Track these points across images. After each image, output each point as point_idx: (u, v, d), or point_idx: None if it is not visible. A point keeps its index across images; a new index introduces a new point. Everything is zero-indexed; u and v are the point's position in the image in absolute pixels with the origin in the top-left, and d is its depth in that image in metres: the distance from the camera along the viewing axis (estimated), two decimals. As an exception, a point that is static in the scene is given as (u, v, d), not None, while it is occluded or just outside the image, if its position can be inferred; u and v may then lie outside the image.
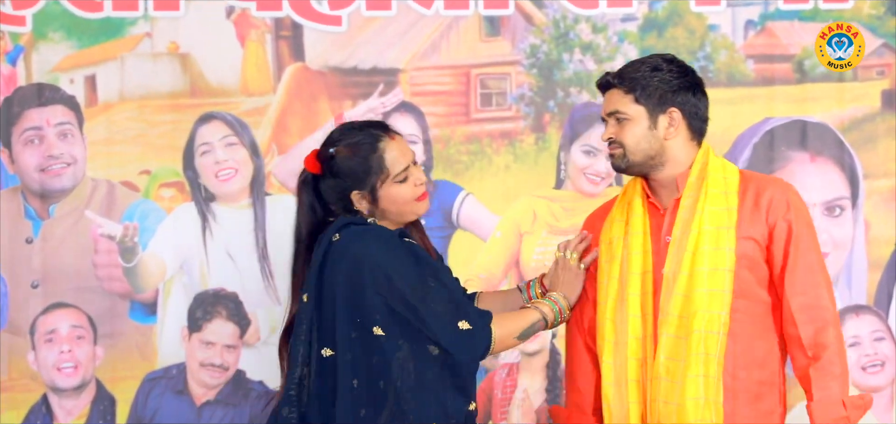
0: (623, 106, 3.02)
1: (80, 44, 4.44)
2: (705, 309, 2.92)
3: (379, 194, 3.00)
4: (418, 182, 3.03)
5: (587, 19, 4.50)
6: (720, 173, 3.05)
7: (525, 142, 4.51)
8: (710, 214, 3.00)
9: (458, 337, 2.92)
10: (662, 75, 3.03)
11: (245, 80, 4.48)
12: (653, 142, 3.03)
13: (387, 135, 3.04)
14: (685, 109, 3.04)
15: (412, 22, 4.47)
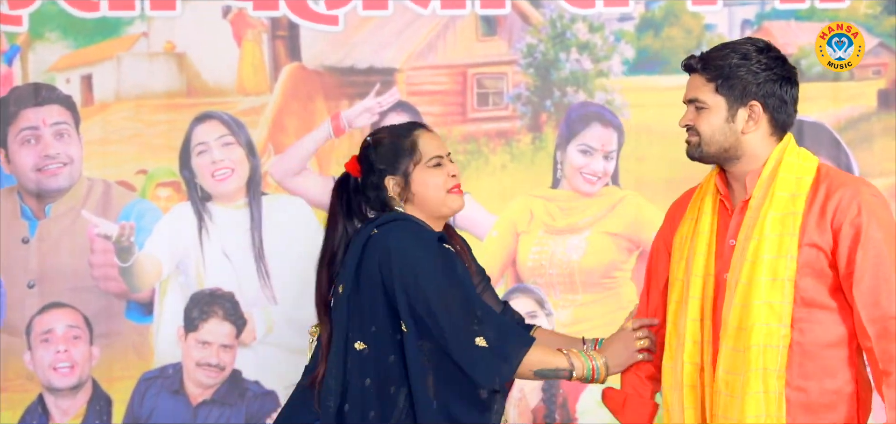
0: (703, 94, 2.92)
1: (76, 43, 4.46)
2: (764, 322, 2.83)
3: (411, 177, 3.00)
4: (452, 173, 3.03)
5: (584, 19, 4.50)
6: (793, 172, 2.93)
7: (522, 141, 4.52)
8: (773, 219, 2.89)
9: (473, 355, 2.89)
10: (749, 65, 2.90)
11: (241, 79, 4.49)
12: (729, 135, 2.92)
13: (422, 127, 3.09)
14: (768, 103, 2.91)
15: (409, 21, 4.48)
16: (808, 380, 2.82)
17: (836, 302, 2.83)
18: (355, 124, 4.42)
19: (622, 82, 4.52)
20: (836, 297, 2.84)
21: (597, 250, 4.52)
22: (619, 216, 4.52)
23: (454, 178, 3.05)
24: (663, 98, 4.44)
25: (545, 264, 4.54)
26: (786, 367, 2.83)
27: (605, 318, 4.50)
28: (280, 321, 4.49)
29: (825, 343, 2.84)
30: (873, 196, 2.89)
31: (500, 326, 2.96)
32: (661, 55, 4.50)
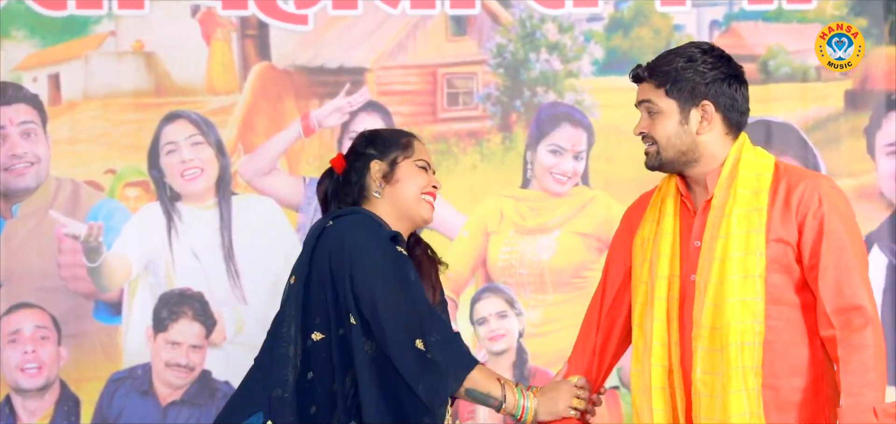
0: (655, 97, 2.92)
1: (43, 42, 4.46)
2: (738, 320, 2.82)
3: (397, 167, 3.00)
4: (434, 183, 3.05)
5: (553, 19, 4.51)
6: (752, 169, 2.92)
7: (492, 141, 4.53)
8: (738, 216, 2.87)
9: (413, 363, 2.87)
10: (696, 66, 2.89)
11: (211, 79, 4.49)
12: (684, 137, 2.90)
13: (418, 139, 3.11)
14: (719, 102, 2.90)
15: (379, 21, 4.49)
16: (779, 379, 2.82)
17: (800, 299, 2.84)
18: (325, 124, 4.43)
19: (592, 83, 4.53)
20: (801, 294, 2.84)
21: (567, 250, 4.54)
22: (588, 216, 4.54)
23: (434, 188, 3.06)
24: (633, 98, 4.26)
25: (515, 263, 4.55)
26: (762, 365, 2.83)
27: (576, 318, 4.33)
28: (250, 320, 4.49)
29: (793, 341, 2.84)
30: (832, 188, 2.90)
31: (447, 339, 2.93)
32: (630, 55, 4.47)
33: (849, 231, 2.84)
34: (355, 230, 2.89)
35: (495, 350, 4.53)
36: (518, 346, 4.52)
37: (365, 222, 2.97)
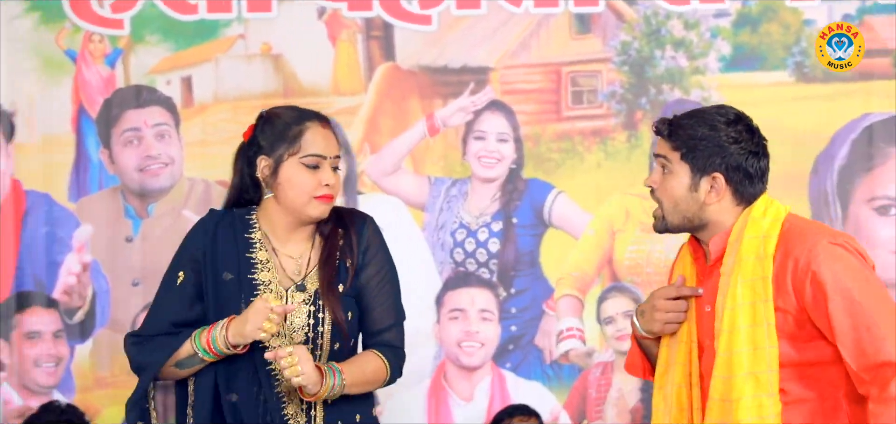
0: (670, 157, 2.86)
1: (176, 46, 4.52)
2: (751, 395, 2.72)
3: (281, 166, 2.87)
4: (325, 181, 2.87)
5: (679, 15, 4.49)
6: (759, 232, 2.82)
7: (617, 139, 4.51)
8: (743, 286, 2.78)
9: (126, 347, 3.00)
10: (717, 137, 2.82)
11: (336, 80, 4.53)
12: (691, 204, 2.83)
13: (318, 121, 2.93)
14: (731, 177, 2.82)
15: (502, 20, 4.50)
16: None
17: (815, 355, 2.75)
18: (450, 123, 4.43)
19: (718, 79, 4.51)
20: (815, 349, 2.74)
21: None
22: None
23: (326, 187, 2.88)
24: (760, 95, 4.49)
25: (642, 262, 4.53)
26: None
27: None
28: None
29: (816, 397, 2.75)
30: (831, 245, 2.77)
31: (151, 337, 2.95)
32: (758, 51, 4.50)
33: (857, 284, 2.72)
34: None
35: (623, 350, 4.42)
36: (645, 345, 4.53)
37: (207, 214, 3.03)
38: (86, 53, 4.51)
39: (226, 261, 2.90)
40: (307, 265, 2.94)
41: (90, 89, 4.51)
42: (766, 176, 2.88)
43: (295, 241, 2.95)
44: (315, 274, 2.94)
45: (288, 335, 2.91)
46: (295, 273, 2.93)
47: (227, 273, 2.88)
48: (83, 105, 4.52)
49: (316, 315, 2.91)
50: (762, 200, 2.84)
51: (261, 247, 2.93)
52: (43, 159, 4.52)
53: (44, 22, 4.51)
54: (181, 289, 2.91)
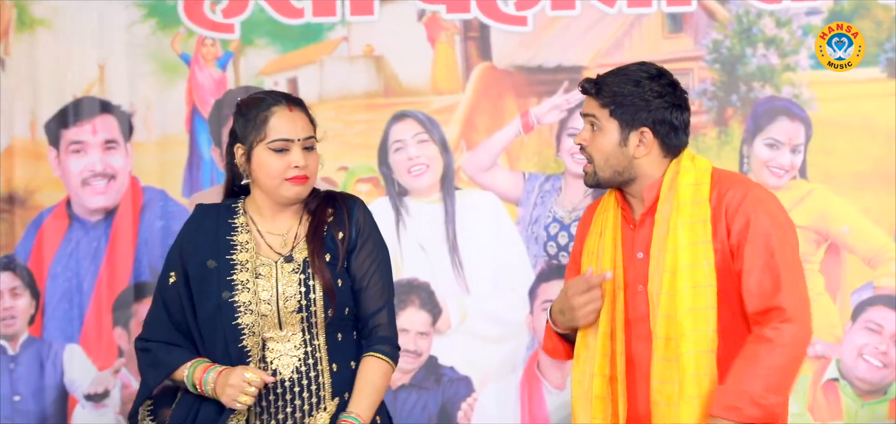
0: (599, 114, 2.92)
1: (282, 48, 4.54)
2: (692, 329, 2.81)
3: (253, 153, 2.90)
4: (295, 163, 2.88)
5: (770, 14, 4.44)
6: (692, 179, 2.90)
7: (708, 136, 4.48)
8: (683, 229, 2.86)
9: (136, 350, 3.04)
10: (642, 92, 2.90)
11: (435, 79, 4.53)
12: (621, 158, 2.91)
13: (285, 104, 2.94)
14: (658, 130, 2.92)
15: (596, 20, 4.47)
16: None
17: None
18: (544, 121, 4.45)
19: (810, 76, 4.45)
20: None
21: None
22: (806, 209, 4.45)
23: (296, 168, 2.89)
24: (851, 91, 4.46)
25: None
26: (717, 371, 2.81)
27: None
28: (473, 310, 4.53)
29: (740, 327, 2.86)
30: (762, 192, 2.89)
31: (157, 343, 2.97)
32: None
33: (777, 235, 2.80)
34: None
35: None
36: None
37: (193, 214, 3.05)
38: (199, 57, 4.55)
39: (208, 249, 2.93)
40: (294, 239, 2.96)
41: (203, 91, 4.55)
42: (688, 129, 2.96)
43: (281, 220, 2.97)
44: (302, 245, 2.95)
45: (281, 309, 2.92)
46: (281, 247, 2.95)
47: (211, 261, 2.91)
48: (196, 106, 4.57)
49: (306, 284, 2.92)
50: (687, 151, 2.93)
51: (242, 230, 2.95)
52: (159, 157, 4.57)
53: (160, 28, 4.54)
54: (174, 289, 2.95)
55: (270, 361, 2.92)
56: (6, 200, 4.58)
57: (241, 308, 2.90)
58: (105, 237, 4.57)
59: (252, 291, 2.91)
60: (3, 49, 4.58)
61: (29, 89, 4.57)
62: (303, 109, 2.99)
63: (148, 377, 2.97)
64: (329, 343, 2.97)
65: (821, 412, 4.47)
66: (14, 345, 4.57)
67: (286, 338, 2.94)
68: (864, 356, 4.45)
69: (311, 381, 2.94)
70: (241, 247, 2.94)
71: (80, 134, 4.54)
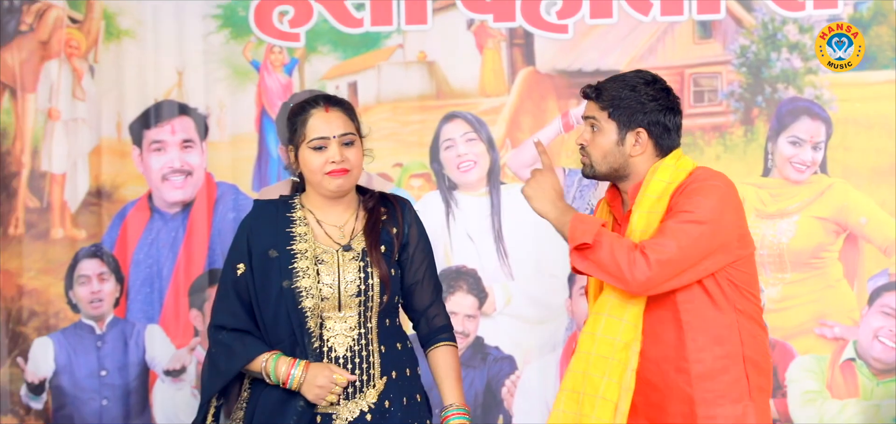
0: (599, 117, 2.95)
1: (343, 55, 4.57)
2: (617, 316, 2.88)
3: (299, 153, 2.95)
4: (332, 159, 2.91)
5: (794, 21, 4.44)
6: (664, 178, 2.92)
7: (734, 134, 4.48)
8: (638, 218, 2.91)
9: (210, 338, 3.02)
10: (638, 96, 2.93)
11: (483, 83, 4.56)
12: (618, 156, 2.95)
13: (322, 106, 2.96)
14: (653, 130, 2.94)
15: (631, 27, 4.48)
16: (703, 351, 2.83)
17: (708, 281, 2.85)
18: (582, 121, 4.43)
19: (830, 79, 4.42)
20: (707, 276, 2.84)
21: (805, 233, 4.45)
22: (827, 202, 4.45)
23: (333, 163, 2.92)
24: (869, 92, 4.44)
25: (757, 245, 4.11)
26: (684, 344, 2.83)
27: (813, 295, 4.48)
28: (517, 294, 4.55)
29: (711, 317, 2.85)
30: (702, 174, 2.88)
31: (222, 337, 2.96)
32: (868, 52, 4.37)
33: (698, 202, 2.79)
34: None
35: None
36: (759, 320, 4.48)
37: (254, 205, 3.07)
38: (267, 63, 4.59)
39: (269, 240, 2.95)
40: (352, 231, 2.98)
41: (271, 94, 4.59)
42: (680, 130, 2.99)
43: (336, 212, 2.99)
44: (360, 237, 2.97)
45: (342, 292, 2.94)
46: (340, 238, 2.97)
47: (272, 251, 2.93)
48: (265, 108, 4.61)
49: (365, 271, 2.94)
50: (675, 152, 2.96)
51: (300, 223, 2.97)
52: (231, 154, 4.61)
53: (233, 37, 4.59)
54: (243, 279, 2.96)
55: (327, 339, 2.95)
56: (94, 193, 4.63)
57: (303, 293, 2.92)
58: (182, 228, 4.61)
59: (312, 276, 2.93)
60: (93, 57, 4.61)
61: (115, 94, 4.62)
62: (341, 108, 3.00)
63: (222, 365, 2.96)
64: (380, 327, 2.99)
65: (838, 389, 4.45)
66: (101, 325, 4.62)
67: (343, 319, 2.96)
68: (879, 338, 4.44)
69: (363, 359, 2.96)
70: (299, 237, 2.96)
71: (161, 134, 4.60)
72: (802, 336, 4.50)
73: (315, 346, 2.92)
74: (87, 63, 4.64)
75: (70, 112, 4.63)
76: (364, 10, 4.56)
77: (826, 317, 4.49)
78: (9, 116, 4.61)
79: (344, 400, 2.93)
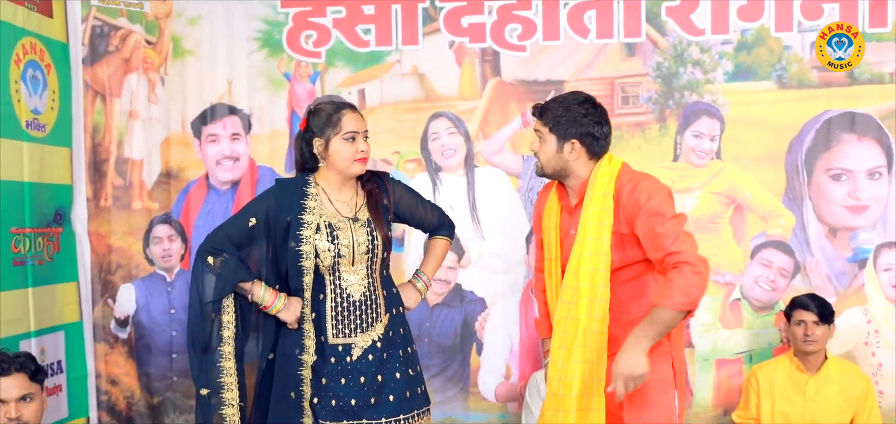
0: (542, 130, 2.98)
1: (354, 68, 4.62)
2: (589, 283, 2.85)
3: (331, 144, 2.94)
4: (361, 149, 2.94)
5: (696, 43, 4.49)
6: (604, 179, 2.90)
7: (652, 130, 4.53)
8: (592, 215, 2.89)
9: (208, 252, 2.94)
10: (571, 114, 2.93)
11: (461, 90, 4.59)
12: (559, 161, 2.97)
13: (349, 108, 2.99)
14: (584, 141, 2.95)
15: (574, 47, 4.52)
16: (622, 327, 2.89)
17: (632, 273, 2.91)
18: (537, 119, 4.20)
19: (723, 88, 4.49)
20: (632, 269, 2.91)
21: (704, 205, 4.52)
22: (720, 181, 4.51)
23: (361, 152, 2.95)
24: (753, 98, 4.48)
25: None
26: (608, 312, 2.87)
27: (710, 251, 4.19)
28: (487, 251, 4.61)
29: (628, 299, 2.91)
30: (644, 179, 2.89)
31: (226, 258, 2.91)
32: (751, 68, 4.45)
33: (660, 203, 2.80)
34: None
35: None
36: (669, 270, 4.51)
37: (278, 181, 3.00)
38: (296, 75, 4.61)
39: (286, 209, 2.95)
40: (357, 206, 3.02)
41: (299, 99, 4.61)
42: (609, 138, 2.97)
43: (344, 190, 3.02)
44: (364, 209, 3.01)
45: (355, 251, 2.95)
46: (348, 212, 3.00)
47: (288, 216, 2.95)
48: (294, 109, 4.62)
49: (372, 235, 2.98)
50: (607, 156, 2.98)
51: (312, 198, 2.98)
52: (268, 145, 4.65)
53: (270, 55, 4.63)
54: (250, 231, 2.96)
55: (345, 288, 2.98)
56: (165, 174, 4.67)
57: (305, 255, 2.94)
58: (231, 200, 4.64)
59: (326, 239, 2.92)
60: (163, 71, 4.66)
61: (180, 98, 4.66)
62: (360, 112, 3.08)
63: (231, 273, 2.92)
64: (381, 277, 3.07)
65: (728, 321, 4.52)
66: (170, 275, 4.67)
67: (355, 272, 3.00)
68: (758, 283, 4.50)
69: (373, 301, 3.02)
70: (309, 210, 2.97)
71: (215, 129, 4.65)
72: (701, 282, 4.58)
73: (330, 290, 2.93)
74: (159, 75, 4.66)
75: (146, 112, 4.67)
76: (370, 34, 4.57)
77: (719, 268, 4.53)
78: (100, 115, 4.64)
79: (360, 333, 2.96)
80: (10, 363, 3.03)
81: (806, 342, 4.06)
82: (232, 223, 3.00)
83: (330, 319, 2.96)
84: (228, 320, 2.95)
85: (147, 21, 4.64)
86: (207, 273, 2.95)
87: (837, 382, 4.08)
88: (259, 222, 2.95)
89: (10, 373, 3.00)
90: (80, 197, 4.54)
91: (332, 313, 2.96)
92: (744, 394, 4.32)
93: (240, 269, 2.93)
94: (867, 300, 4.45)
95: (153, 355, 4.68)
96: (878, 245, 4.39)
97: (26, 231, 4.14)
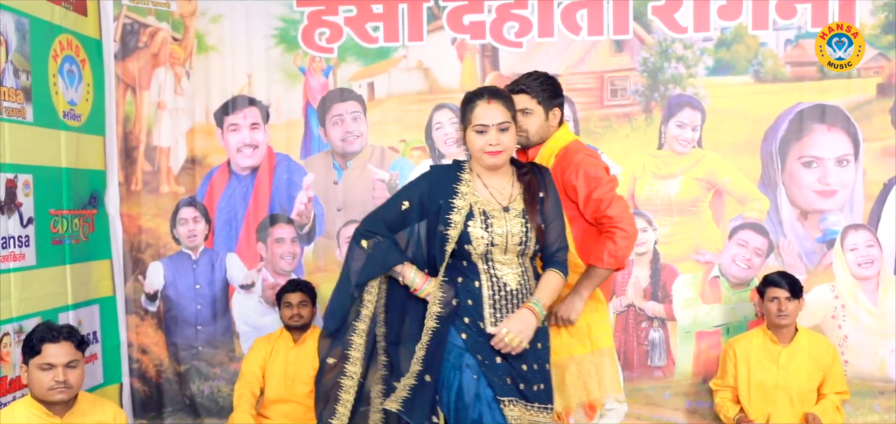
0: (530, 104, 2.99)
1: (364, 63, 4.64)
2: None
3: (466, 134, 2.83)
4: (491, 142, 2.75)
5: (680, 40, 4.52)
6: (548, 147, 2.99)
7: (638, 120, 4.56)
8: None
9: (363, 235, 2.80)
10: (548, 86, 3.02)
11: (462, 82, 4.60)
12: (546, 129, 3.03)
13: (486, 98, 2.79)
14: (562, 107, 3.08)
15: (567, 44, 4.55)
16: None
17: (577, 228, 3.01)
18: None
19: (705, 81, 4.51)
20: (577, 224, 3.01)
21: (687, 189, 4.55)
22: (701, 167, 4.54)
23: (491, 145, 2.76)
24: (731, 91, 4.51)
25: (653, 197, 4.55)
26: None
27: (692, 233, 4.56)
28: None
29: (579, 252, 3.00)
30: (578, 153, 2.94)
31: (379, 240, 2.76)
32: (731, 63, 4.48)
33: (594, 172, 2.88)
34: None
35: (639, 252, 4.55)
36: (654, 249, 4.56)
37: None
38: (311, 69, 4.64)
39: (439, 193, 2.84)
40: (511, 196, 2.86)
41: (313, 91, 4.65)
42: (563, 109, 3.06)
43: (497, 179, 2.85)
44: (519, 200, 2.84)
45: (508, 241, 2.80)
46: (502, 200, 2.84)
47: (440, 200, 2.84)
48: (309, 101, 4.66)
49: (525, 226, 2.81)
50: (564, 126, 3.09)
51: (465, 183, 2.84)
52: (285, 133, 4.67)
53: (286, 50, 4.65)
54: (404, 214, 2.84)
55: (501, 277, 2.80)
56: (190, 161, 4.71)
57: (451, 239, 2.75)
58: (251, 185, 4.67)
59: (480, 226, 2.74)
60: (189, 65, 4.68)
61: (204, 91, 4.68)
62: (500, 100, 2.78)
63: (383, 254, 2.76)
64: (532, 266, 2.89)
65: (708, 297, 4.56)
66: (195, 253, 4.71)
67: (509, 261, 2.80)
68: (735, 262, 4.53)
69: (528, 291, 2.84)
70: (460, 195, 2.80)
71: (236, 119, 4.68)
72: (683, 261, 4.58)
73: (486, 279, 2.75)
74: (184, 69, 4.69)
75: (173, 104, 4.70)
76: (379, 31, 4.60)
77: (700, 247, 4.58)
78: (131, 106, 4.67)
79: None
80: (58, 333, 3.18)
81: (780, 316, 4.05)
82: (386, 207, 2.86)
83: (488, 307, 2.78)
84: (369, 299, 2.82)
85: (173, 19, 4.68)
86: (359, 254, 2.82)
87: (807, 351, 4.09)
88: (412, 205, 2.81)
89: (58, 341, 3.15)
90: (112, 181, 4.58)
91: (491, 301, 2.79)
92: (721, 364, 4.31)
93: (392, 251, 2.78)
94: (834, 277, 4.49)
95: (180, 326, 4.72)
96: (845, 227, 4.45)
97: (64, 213, 4.18)
